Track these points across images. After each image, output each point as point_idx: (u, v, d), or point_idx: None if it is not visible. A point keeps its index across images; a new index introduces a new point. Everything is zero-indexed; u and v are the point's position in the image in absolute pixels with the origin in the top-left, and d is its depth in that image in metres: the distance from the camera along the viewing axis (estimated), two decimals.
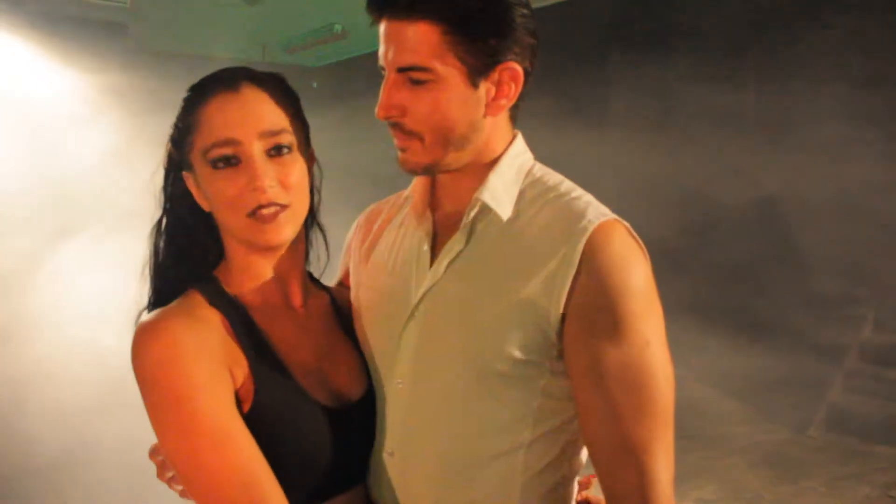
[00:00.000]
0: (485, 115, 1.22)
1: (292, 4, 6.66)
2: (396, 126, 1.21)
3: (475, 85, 1.19)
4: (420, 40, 1.16)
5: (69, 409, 4.23)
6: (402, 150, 1.24)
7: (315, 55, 8.48)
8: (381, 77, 1.22)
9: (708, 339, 5.42)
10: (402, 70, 1.18)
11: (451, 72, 1.17)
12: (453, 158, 1.23)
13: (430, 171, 1.25)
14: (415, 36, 1.16)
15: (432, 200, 1.35)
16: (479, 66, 1.18)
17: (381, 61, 1.22)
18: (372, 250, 1.42)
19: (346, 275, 1.51)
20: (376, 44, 1.22)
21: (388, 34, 1.19)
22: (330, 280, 1.50)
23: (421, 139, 1.21)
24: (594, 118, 6.56)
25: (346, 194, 1.43)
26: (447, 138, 1.21)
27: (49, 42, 5.83)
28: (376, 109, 1.21)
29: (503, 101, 1.23)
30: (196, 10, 6.77)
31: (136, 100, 5.59)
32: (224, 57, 7.86)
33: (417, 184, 1.36)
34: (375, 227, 1.45)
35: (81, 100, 5.89)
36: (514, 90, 1.22)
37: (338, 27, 7.32)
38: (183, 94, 1.28)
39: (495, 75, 1.20)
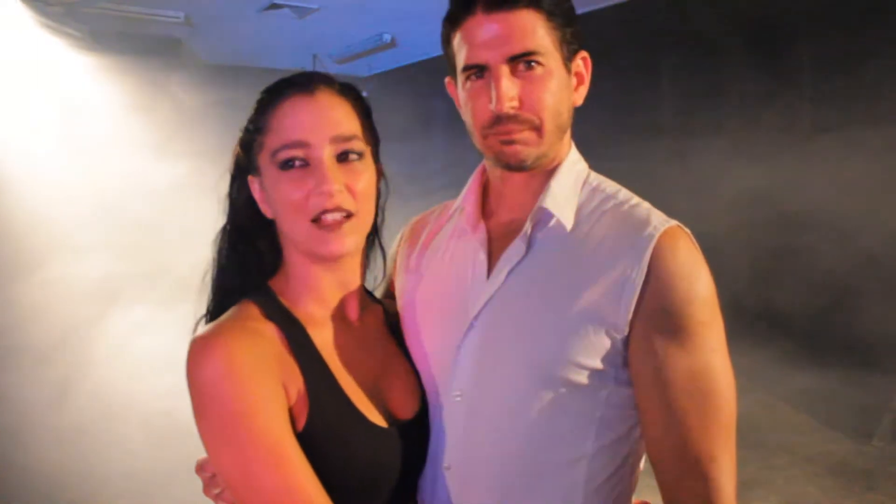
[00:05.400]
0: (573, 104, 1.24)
1: (342, 15, 6.71)
2: (513, 118, 1.18)
3: (569, 71, 1.20)
4: (528, 27, 1.15)
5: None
6: (513, 143, 1.20)
7: (365, 65, 8.54)
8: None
9: (770, 348, 5.31)
10: (514, 59, 1.16)
11: (556, 57, 1.18)
12: (555, 150, 1.23)
13: (536, 164, 1.23)
14: (522, 23, 1.15)
15: (485, 209, 1.34)
16: (569, 52, 1.20)
17: (481, 59, 1.18)
18: (421, 261, 1.40)
19: (392, 285, 1.49)
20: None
21: (488, 27, 1.16)
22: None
23: (537, 128, 1.19)
24: (647, 128, 6.47)
25: (399, 206, 1.41)
26: (558, 125, 1.21)
27: (106, 58, 5.90)
28: (494, 105, 1.17)
29: (582, 89, 1.24)
30: (248, 22, 6.86)
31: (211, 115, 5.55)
32: (276, 68, 7.96)
33: (469, 193, 1.34)
34: (422, 238, 1.43)
35: (150, 122, 5.90)
36: (586, 79, 1.24)
37: (387, 36, 7.36)
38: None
39: (577, 62, 1.22)
